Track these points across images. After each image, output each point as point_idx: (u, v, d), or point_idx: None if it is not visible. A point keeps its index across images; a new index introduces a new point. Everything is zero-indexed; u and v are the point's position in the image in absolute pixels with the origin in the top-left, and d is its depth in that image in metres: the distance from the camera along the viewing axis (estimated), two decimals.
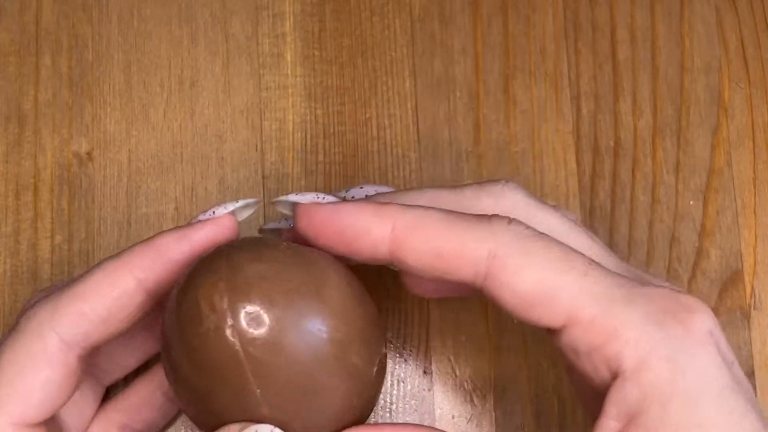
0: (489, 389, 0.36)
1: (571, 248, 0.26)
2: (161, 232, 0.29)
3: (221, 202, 0.31)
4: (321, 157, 0.37)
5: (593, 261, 0.26)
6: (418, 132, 0.38)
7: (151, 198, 0.37)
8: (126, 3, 0.38)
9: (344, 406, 0.27)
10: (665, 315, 0.25)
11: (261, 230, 0.33)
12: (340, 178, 0.37)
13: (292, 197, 0.29)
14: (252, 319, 0.25)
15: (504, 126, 0.38)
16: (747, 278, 0.37)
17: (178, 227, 0.29)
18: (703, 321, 0.25)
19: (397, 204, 0.27)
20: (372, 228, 0.27)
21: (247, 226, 0.35)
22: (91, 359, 0.29)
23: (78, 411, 0.31)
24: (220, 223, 0.29)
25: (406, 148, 0.38)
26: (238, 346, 0.25)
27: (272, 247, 0.27)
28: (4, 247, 0.36)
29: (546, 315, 0.26)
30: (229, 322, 0.25)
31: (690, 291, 0.37)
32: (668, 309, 0.25)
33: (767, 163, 0.38)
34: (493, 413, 0.36)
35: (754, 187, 0.38)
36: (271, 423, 0.26)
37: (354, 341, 0.26)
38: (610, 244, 0.37)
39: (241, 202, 0.30)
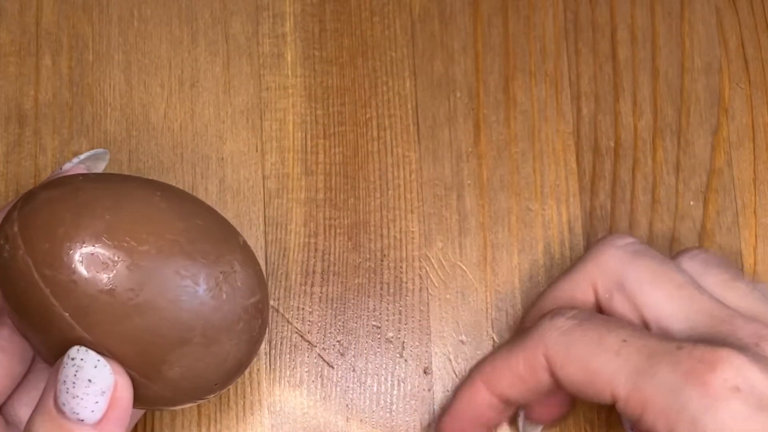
0: None
1: (606, 326, 0.29)
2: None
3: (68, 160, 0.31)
4: (321, 157, 0.37)
5: (630, 334, 0.29)
6: (418, 132, 0.38)
7: None
8: (126, 3, 0.38)
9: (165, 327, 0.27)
10: (688, 378, 0.27)
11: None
12: (340, 178, 0.37)
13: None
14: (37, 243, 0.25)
15: (504, 126, 0.38)
16: (747, 278, 0.37)
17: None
18: (724, 378, 0.27)
19: (479, 370, 0.32)
20: (485, 401, 0.32)
21: None
22: None
23: None
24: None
25: (406, 148, 0.38)
26: (33, 270, 0.25)
27: (70, 178, 0.27)
28: None
29: (596, 395, 0.29)
30: (22, 248, 0.25)
31: None
32: (691, 371, 0.27)
33: (767, 164, 0.38)
34: None
35: (755, 188, 0.38)
36: (94, 348, 0.26)
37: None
38: None
39: (86, 154, 0.30)
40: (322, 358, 0.36)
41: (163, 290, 0.26)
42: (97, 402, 0.25)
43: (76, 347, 0.26)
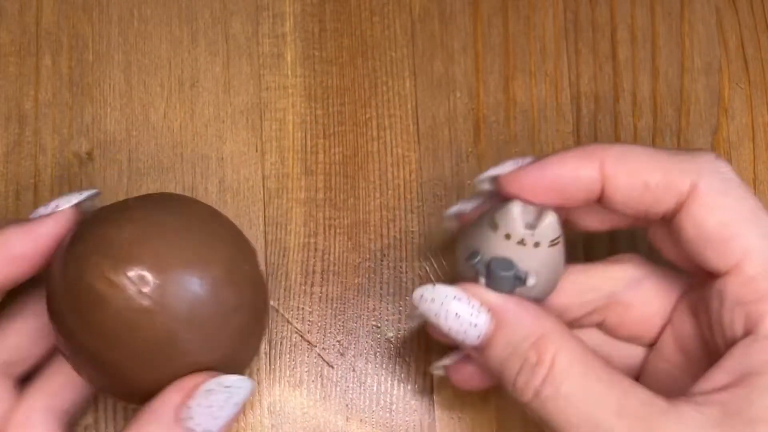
0: (490, 389, 0.36)
1: (764, 209, 0.28)
2: (4, 228, 0.30)
3: (62, 194, 0.31)
4: (321, 157, 0.37)
5: None
6: (418, 132, 0.38)
7: None
8: (126, 3, 0.38)
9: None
10: None
11: (446, 217, 0.33)
12: (340, 178, 0.37)
13: (493, 171, 0.30)
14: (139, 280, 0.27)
15: (504, 126, 0.38)
16: None
17: (20, 221, 0.30)
18: None
19: (599, 143, 0.29)
20: (581, 171, 0.28)
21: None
22: None
23: None
24: (64, 216, 0.30)
25: (406, 148, 0.38)
26: (144, 304, 0.27)
27: (133, 209, 0.29)
28: None
29: (716, 256, 0.27)
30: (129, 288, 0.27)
31: None
32: None
33: (767, 164, 0.38)
34: (494, 413, 0.36)
35: (755, 188, 0.38)
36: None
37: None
38: (611, 244, 0.37)
39: (85, 194, 0.31)
40: (322, 358, 0.36)
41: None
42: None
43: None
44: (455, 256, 0.30)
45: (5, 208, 0.37)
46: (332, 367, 0.36)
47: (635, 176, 0.28)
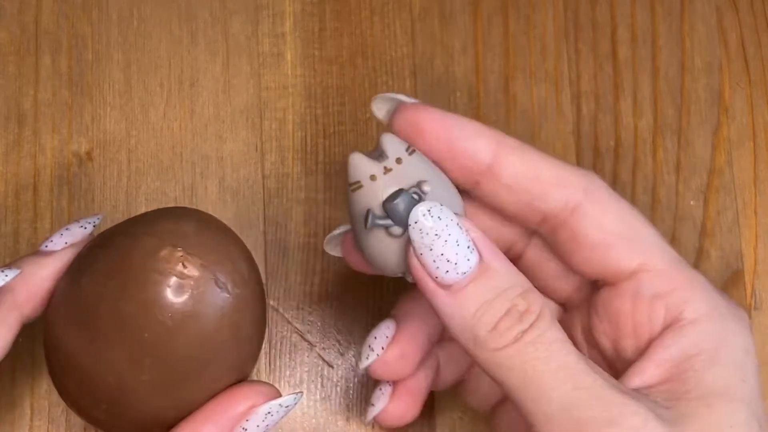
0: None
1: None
2: (28, 262, 0.29)
3: (75, 220, 0.31)
4: (321, 157, 0.37)
5: None
6: None
7: (150, 198, 0.37)
8: (126, 3, 0.38)
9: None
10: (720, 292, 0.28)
11: (329, 239, 0.32)
12: (340, 178, 0.37)
13: (401, 96, 0.30)
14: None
15: (504, 126, 0.38)
16: (747, 278, 0.37)
17: (40, 254, 0.30)
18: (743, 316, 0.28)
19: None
20: (479, 138, 0.28)
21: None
22: None
23: None
24: (76, 248, 0.30)
25: None
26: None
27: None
28: (3, 247, 0.36)
29: (624, 256, 0.28)
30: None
31: None
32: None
33: None
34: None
35: (755, 187, 0.38)
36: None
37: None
38: None
39: (94, 218, 0.31)
40: (322, 358, 0.36)
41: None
42: None
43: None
44: (356, 244, 0.29)
45: (5, 208, 0.37)
46: (332, 367, 0.36)
47: (528, 164, 0.28)
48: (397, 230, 0.27)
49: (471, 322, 0.26)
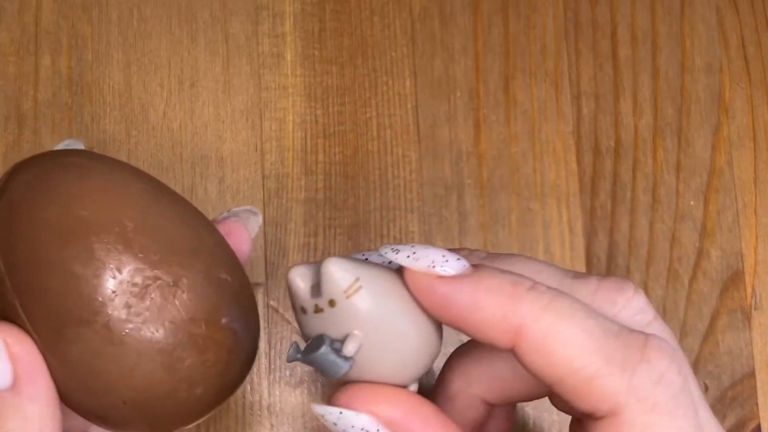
0: None
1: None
2: None
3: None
4: (321, 157, 0.37)
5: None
6: (418, 132, 0.38)
7: None
8: (126, 3, 0.38)
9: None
10: (632, 356, 0.23)
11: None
12: (340, 178, 0.37)
13: (402, 258, 0.24)
14: None
15: (504, 126, 0.38)
16: (747, 278, 0.37)
17: None
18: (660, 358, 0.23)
19: (531, 297, 0.23)
20: (497, 322, 0.23)
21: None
22: None
23: None
24: None
25: (406, 148, 0.37)
26: None
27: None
28: None
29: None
30: None
31: (690, 291, 0.37)
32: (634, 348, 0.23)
33: None
34: None
35: (755, 187, 0.38)
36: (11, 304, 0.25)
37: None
38: (611, 245, 0.37)
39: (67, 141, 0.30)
40: None
41: (85, 262, 0.25)
42: None
43: None
44: None
45: None
46: None
47: (554, 367, 0.23)
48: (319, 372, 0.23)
49: None
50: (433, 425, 0.24)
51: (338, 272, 0.23)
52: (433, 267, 0.23)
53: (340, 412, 0.23)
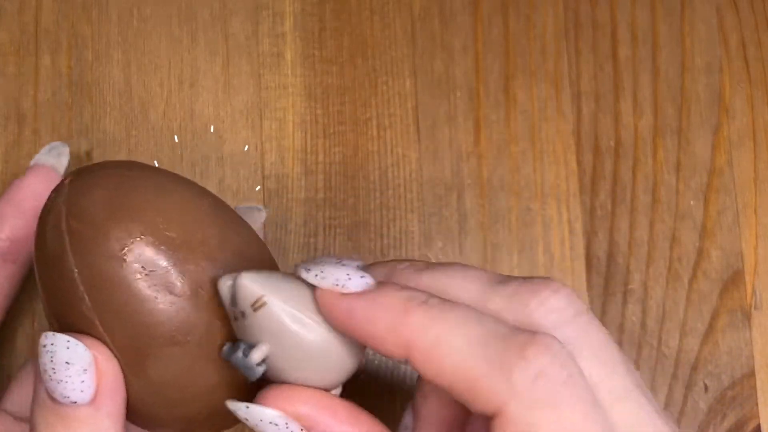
0: None
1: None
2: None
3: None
4: (321, 157, 0.37)
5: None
6: (418, 132, 0.38)
7: None
8: (126, 2, 0.38)
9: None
10: (511, 357, 0.24)
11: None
12: (340, 178, 0.37)
13: (312, 277, 0.26)
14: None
15: (504, 126, 0.38)
16: (748, 278, 0.37)
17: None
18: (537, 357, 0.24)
19: (422, 311, 0.25)
20: (389, 336, 0.25)
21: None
22: None
23: None
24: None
25: (406, 148, 0.37)
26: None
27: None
28: None
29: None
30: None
31: (690, 291, 0.37)
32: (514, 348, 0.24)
33: None
34: None
35: (755, 187, 0.38)
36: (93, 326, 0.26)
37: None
38: (611, 244, 0.37)
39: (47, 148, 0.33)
40: None
41: (171, 282, 0.26)
42: (83, 381, 0.25)
43: (44, 333, 0.26)
44: None
45: None
46: None
47: (442, 377, 0.24)
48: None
49: None
50: (342, 418, 0.26)
51: (247, 287, 0.25)
52: (337, 285, 0.25)
53: (247, 407, 0.25)
